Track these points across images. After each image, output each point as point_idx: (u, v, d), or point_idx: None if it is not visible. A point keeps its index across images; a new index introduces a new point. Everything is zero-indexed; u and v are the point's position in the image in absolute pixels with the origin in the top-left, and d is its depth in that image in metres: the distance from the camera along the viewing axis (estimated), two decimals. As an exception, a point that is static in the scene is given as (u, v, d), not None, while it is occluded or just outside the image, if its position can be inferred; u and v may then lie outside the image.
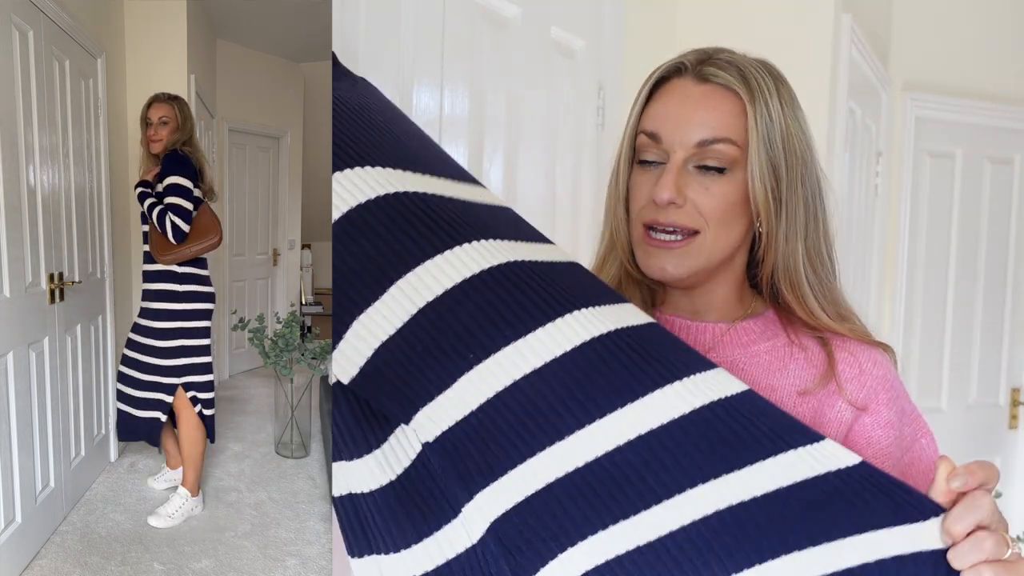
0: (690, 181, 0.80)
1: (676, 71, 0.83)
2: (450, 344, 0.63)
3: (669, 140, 0.81)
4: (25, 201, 2.45)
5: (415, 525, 0.68)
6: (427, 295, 0.63)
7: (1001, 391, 3.12)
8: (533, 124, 1.73)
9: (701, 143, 0.79)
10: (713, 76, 0.81)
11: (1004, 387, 3.13)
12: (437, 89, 1.44)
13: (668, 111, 0.82)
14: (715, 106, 0.80)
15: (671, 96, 0.82)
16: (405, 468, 0.68)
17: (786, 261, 0.83)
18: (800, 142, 0.81)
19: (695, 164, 0.80)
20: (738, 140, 0.79)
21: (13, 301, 2.38)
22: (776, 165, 0.80)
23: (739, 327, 0.87)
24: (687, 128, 0.80)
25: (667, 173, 0.80)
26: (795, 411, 0.83)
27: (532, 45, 1.69)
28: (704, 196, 0.80)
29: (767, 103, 0.79)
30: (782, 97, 0.81)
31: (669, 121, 0.81)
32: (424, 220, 0.65)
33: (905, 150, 2.88)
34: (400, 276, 0.64)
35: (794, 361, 0.85)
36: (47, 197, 2.65)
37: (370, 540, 0.71)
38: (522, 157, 1.70)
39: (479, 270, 0.64)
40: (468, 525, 0.66)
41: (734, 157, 0.80)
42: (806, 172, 0.82)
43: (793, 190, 0.81)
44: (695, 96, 0.81)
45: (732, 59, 0.82)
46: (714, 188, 0.80)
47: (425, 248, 0.64)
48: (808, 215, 0.83)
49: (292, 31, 4.66)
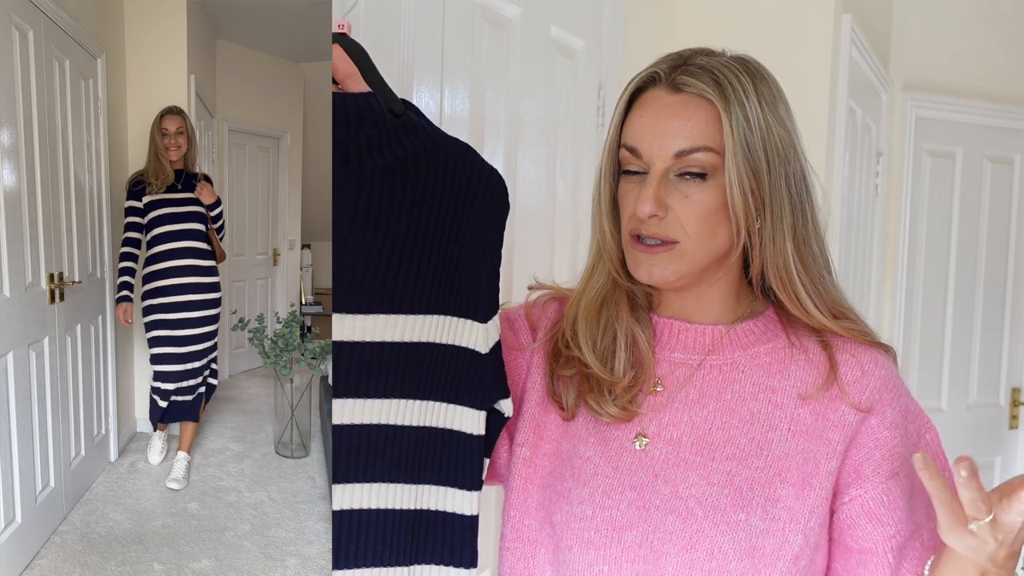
0: (671, 191, 0.81)
1: (651, 81, 0.83)
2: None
3: (648, 153, 0.81)
4: (25, 201, 2.45)
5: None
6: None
7: (1001, 391, 3.13)
8: (533, 124, 1.73)
9: (679, 154, 0.80)
10: (685, 85, 0.80)
11: (1004, 387, 3.13)
12: (437, 89, 1.44)
13: (644, 124, 0.82)
14: (690, 115, 0.80)
15: (646, 108, 0.82)
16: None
17: (775, 261, 0.83)
18: (782, 139, 0.81)
19: (675, 173, 0.80)
20: (716, 146, 0.79)
21: (13, 301, 2.38)
22: (756, 169, 0.79)
23: (739, 329, 0.87)
24: (663, 140, 0.80)
25: (647, 186, 0.80)
26: (796, 414, 0.83)
27: (532, 45, 1.69)
28: (684, 204, 0.80)
29: (743, 106, 0.78)
30: (761, 95, 0.80)
31: (647, 134, 0.81)
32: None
33: (905, 150, 2.88)
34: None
35: (795, 363, 0.85)
36: (47, 197, 2.65)
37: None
38: (522, 157, 1.70)
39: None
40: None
41: (714, 163, 0.80)
42: (789, 169, 0.81)
43: (776, 189, 0.81)
44: (669, 107, 0.81)
45: (706, 64, 0.81)
46: (695, 196, 0.80)
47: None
48: (795, 213, 0.82)
49: (292, 31, 4.65)
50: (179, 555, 2.65)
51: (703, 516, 0.79)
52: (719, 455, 0.82)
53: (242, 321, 3.58)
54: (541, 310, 0.97)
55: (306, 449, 3.61)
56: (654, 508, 0.81)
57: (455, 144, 0.85)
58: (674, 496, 0.81)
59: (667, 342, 0.88)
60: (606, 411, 0.85)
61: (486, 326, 0.84)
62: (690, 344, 0.87)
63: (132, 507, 3.01)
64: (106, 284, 3.34)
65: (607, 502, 0.82)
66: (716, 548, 0.78)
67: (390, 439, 0.81)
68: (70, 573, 2.51)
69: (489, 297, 0.85)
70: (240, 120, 4.97)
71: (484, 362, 0.84)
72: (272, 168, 5.39)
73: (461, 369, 0.83)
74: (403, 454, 0.82)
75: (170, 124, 3.16)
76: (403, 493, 0.82)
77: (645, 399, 0.86)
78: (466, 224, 0.83)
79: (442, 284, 0.82)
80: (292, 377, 3.47)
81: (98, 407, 3.28)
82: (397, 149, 0.81)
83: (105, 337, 3.36)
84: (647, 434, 0.85)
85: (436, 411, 0.83)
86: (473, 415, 0.84)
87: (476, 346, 0.84)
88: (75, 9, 2.93)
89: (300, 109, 5.56)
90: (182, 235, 3.16)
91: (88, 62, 3.16)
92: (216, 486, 3.20)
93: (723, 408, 0.84)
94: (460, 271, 0.83)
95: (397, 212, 0.80)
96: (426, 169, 0.81)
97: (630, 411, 0.85)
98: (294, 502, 3.12)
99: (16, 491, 2.41)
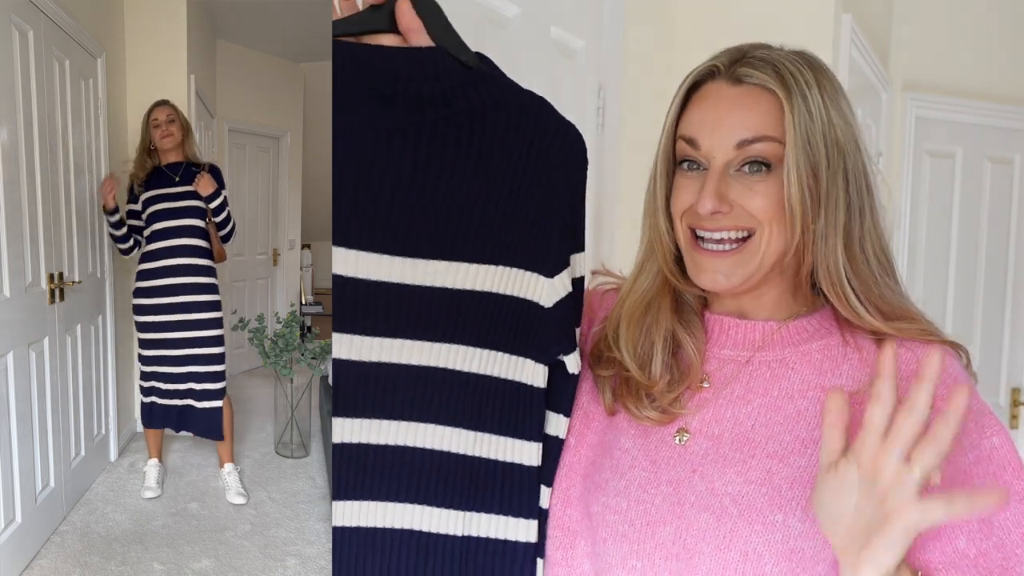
0: (733, 184, 0.78)
1: (710, 74, 0.81)
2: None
3: (708, 145, 0.79)
4: (25, 201, 2.45)
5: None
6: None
7: (1001, 391, 3.12)
8: (533, 124, 1.72)
9: (740, 143, 0.77)
10: (747, 76, 0.78)
11: (1004, 387, 3.12)
12: (437, 89, 1.43)
13: (704, 115, 0.80)
14: (751, 105, 0.78)
15: (706, 100, 0.80)
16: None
17: (825, 261, 0.79)
18: (844, 134, 0.78)
19: (737, 166, 0.78)
20: (779, 136, 0.77)
21: (13, 301, 2.38)
22: (815, 163, 0.76)
23: (791, 325, 0.84)
24: (724, 131, 0.78)
25: (708, 181, 0.78)
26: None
27: (532, 45, 1.69)
28: (751, 197, 0.78)
29: (806, 98, 0.76)
30: (823, 88, 0.77)
31: (706, 125, 0.79)
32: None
33: (905, 150, 2.88)
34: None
35: (848, 362, 0.82)
36: (47, 197, 2.65)
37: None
38: (522, 157, 1.70)
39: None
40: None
41: (777, 154, 0.77)
42: (848, 165, 0.79)
43: (833, 185, 0.78)
44: (730, 98, 0.79)
45: (767, 56, 0.79)
46: (759, 187, 0.77)
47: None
48: (850, 211, 0.79)
49: (292, 31, 4.66)
50: (179, 555, 2.65)
51: (737, 515, 0.76)
52: (759, 452, 0.79)
53: (242, 321, 3.58)
54: (600, 299, 0.96)
55: (306, 449, 3.62)
56: (688, 504, 0.78)
57: (529, 97, 0.84)
58: (709, 493, 0.78)
59: (717, 338, 0.86)
60: (645, 415, 0.83)
61: (552, 281, 0.82)
62: (740, 340, 0.85)
63: (132, 507, 3.01)
64: (106, 284, 3.34)
65: (642, 496, 0.81)
66: (750, 549, 0.75)
67: (447, 382, 0.80)
68: (70, 573, 2.51)
69: (558, 252, 0.82)
70: (240, 120, 4.97)
71: (546, 316, 0.82)
72: (272, 168, 5.40)
73: (522, 321, 0.81)
74: (460, 400, 0.80)
75: (160, 113, 3.06)
76: (463, 438, 0.81)
77: (691, 397, 0.84)
78: (539, 177, 0.81)
79: (507, 235, 0.80)
80: (292, 377, 3.47)
81: (98, 407, 3.29)
82: (461, 101, 0.80)
83: (105, 337, 3.36)
84: (689, 429, 0.82)
85: (494, 360, 0.81)
86: (532, 367, 0.82)
87: (540, 299, 0.81)
88: (75, 9, 2.93)
89: (300, 109, 5.57)
90: (178, 232, 3.02)
91: (88, 62, 3.16)
92: (216, 486, 3.20)
93: (769, 404, 0.81)
94: (528, 224, 0.81)
95: (463, 163, 0.78)
96: (494, 121, 0.80)
97: (670, 413, 0.83)
98: (294, 502, 3.12)
99: (16, 491, 2.42)
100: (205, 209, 3.06)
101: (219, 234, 3.14)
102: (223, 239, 3.17)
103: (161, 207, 3.02)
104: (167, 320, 3.05)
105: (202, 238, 3.08)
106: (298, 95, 5.54)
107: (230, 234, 3.18)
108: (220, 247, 3.18)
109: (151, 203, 3.03)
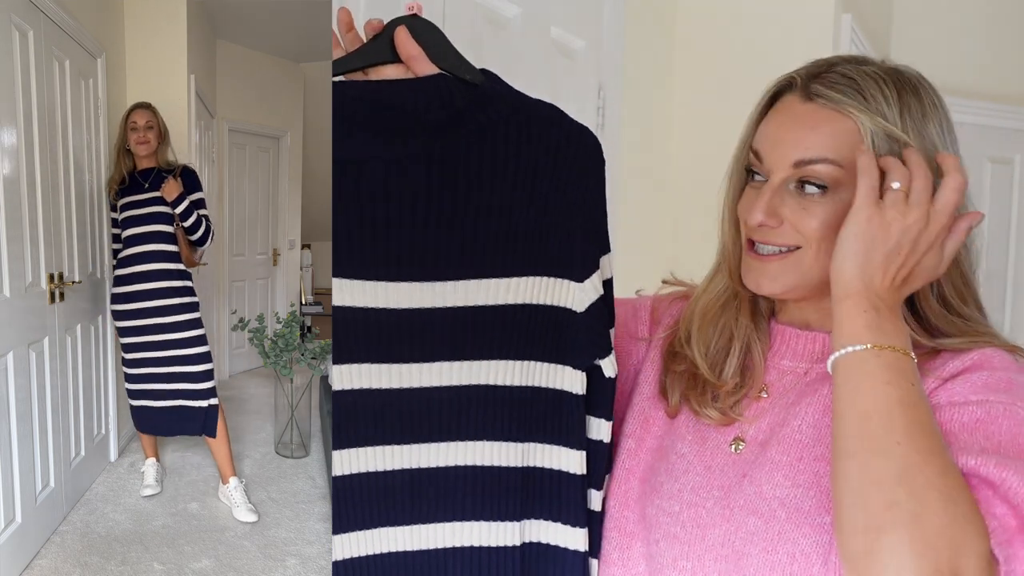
0: (788, 201, 0.78)
1: (787, 86, 0.81)
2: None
3: (768, 160, 0.79)
4: (25, 201, 2.45)
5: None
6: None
7: (1001, 391, 3.12)
8: (533, 124, 1.72)
9: (798, 163, 0.77)
10: (817, 95, 0.77)
11: (1004, 387, 3.12)
12: (437, 89, 1.43)
13: (770, 130, 0.80)
14: (815, 125, 0.77)
15: (777, 114, 0.81)
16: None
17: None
18: (929, 157, 0.75)
19: (794, 184, 0.78)
20: (841, 160, 0.75)
21: (13, 301, 2.38)
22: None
23: None
24: (784, 149, 0.78)
25: (762, 195, 0.79)
26: None
27: (532, 45, 1.69)
28: (802, 216, 0.78)
29: (884, 119, 0.75)
30: (906, 108, 0.76)
31: (769, 140, 0.80)
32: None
33: (905, 150, 2.88)
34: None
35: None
36: (47, 197, 2.65)
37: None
38: (522, 157, 1.70)
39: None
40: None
41: (836, 178, 0.76)
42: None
43: None
44: (797, 115, 0.78)
45: (849, 72, 0.77)
46: (814, 208, 0.77)
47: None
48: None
49: (292, 31, 4.66)
50: (179, 555, 2.65)
51: (785, 518, 0.77)
52: (807, 455, 0.79)
53: (242, 321, 3.58)
54: (667, 306, 0.97)
55: (306, 449, 3.62)
56: (738, 508, 0.80)
57: (538, 107, 0.85)
58: (757, 496, 0.79)
59: (778, 348, 0.87)
60: (706, 412, 0.85)
61: (582, 285, 0.83)
62: (799, 352, 0.86)
63: (132, 507, 3.01)
64: (106, 284, 3.34)
65: (694, 499, 0.83)
66: (798, 551, 0.75)
67: (484, 399, 0.82)
68: (70, 573, 2.51)
69: (585, 256, 0.84)
70: (240, 120, 4.97)
71: (579, 321, 0.83)
72: (272, 168, 5.40)
73: (557, 329, 0.83)
74: (501, 413, 0.82)
75: (139, 118, 3.02)
76: (510, 451, 0.83)
77: (750, 405, 0.86)
78: (558, 185, 0.82)
79: (533, 246, 0.81)
80: (292, 377, 3.47)
81: (98, 407, 3.29)
82: (471, 122, 0.81)
83: (105, 337, 3.36)
84: (745, 438, 0.84)
85: (534, 370, 0.83)
86: (571, 374, 0.84)
87: (572, 305, 0.83)
88: (75, 9, 2.93)
89: (300, 109, 5.57)
90: (146, 238, 3.02)
91: (88, 62, 3.16)
92: (216, 486, 3.20)
93: (820, 409, 0.81)
94: (553, 232, 0.82)
95: (479, 182, 0.80)
96: (505, 136, 0.81)
97: (730, 416, 0.85)
98: (294, 502, 3.12)
99: (16, 491, 2.42)
100: (172, 214, 3.03)
101: (191, 238, 3.08)
102: (197, 243, 3.10)
103: (131, 214, 3.03)
104: (144, 324, 3.04)
105: (171, 243, 3.06)
106: (298, 95, 5.54)
107: (204, 238, 3.10)
108: (188, 252, 3.12)
109: (124, 209, 3.04)
